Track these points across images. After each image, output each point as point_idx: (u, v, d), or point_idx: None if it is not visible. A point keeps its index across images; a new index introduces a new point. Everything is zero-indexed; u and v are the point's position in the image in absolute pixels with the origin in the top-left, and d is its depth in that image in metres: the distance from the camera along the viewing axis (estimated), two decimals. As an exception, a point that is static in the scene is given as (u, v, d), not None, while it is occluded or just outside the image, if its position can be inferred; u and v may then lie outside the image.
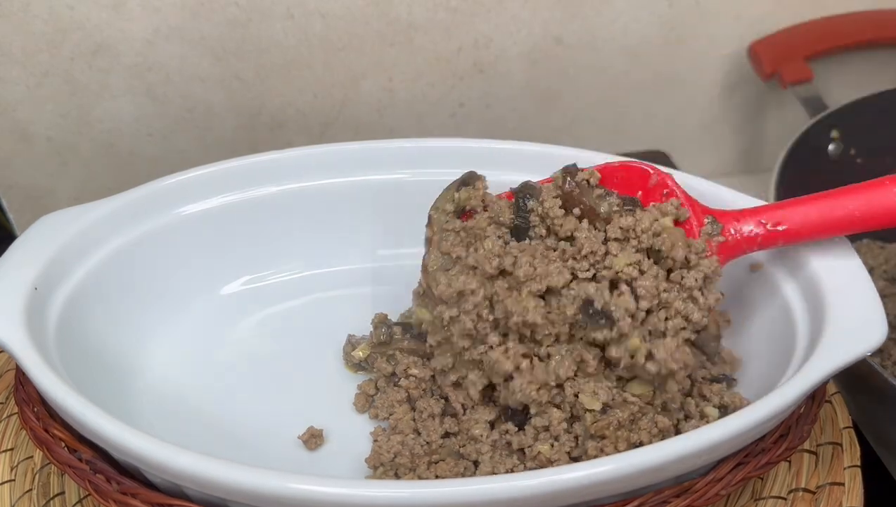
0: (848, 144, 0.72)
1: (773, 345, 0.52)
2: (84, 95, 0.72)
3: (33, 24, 0.69)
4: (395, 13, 0.72)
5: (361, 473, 0.50)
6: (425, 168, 0.61)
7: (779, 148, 0.67)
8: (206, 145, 0.75)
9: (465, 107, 0.79)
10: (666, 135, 0.84)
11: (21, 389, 0.48)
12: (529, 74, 0.78)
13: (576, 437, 0.47)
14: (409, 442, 0.48)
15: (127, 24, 0.70)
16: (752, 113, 0.85)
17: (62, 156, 0.75)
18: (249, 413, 0.54)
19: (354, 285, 0.61)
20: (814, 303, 0.49)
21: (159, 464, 0.41)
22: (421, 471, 0.48)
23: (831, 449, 0.50)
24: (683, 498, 0.42)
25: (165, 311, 0.58)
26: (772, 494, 0.48)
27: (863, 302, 0.48)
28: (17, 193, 0.75)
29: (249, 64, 0.73)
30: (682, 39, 0.79)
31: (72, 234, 0.53)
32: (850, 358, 0.45)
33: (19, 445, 0.52)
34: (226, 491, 0.40)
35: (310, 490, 0.39)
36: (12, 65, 0.70)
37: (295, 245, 0.61)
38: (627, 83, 0.81)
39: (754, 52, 0.78)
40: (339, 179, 0.61)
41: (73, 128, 0.74)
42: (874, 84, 0.74)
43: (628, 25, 0.77)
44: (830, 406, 0.52)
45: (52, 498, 0.49)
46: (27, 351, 0.46)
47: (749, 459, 0.44)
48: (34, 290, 0.49)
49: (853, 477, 0.49)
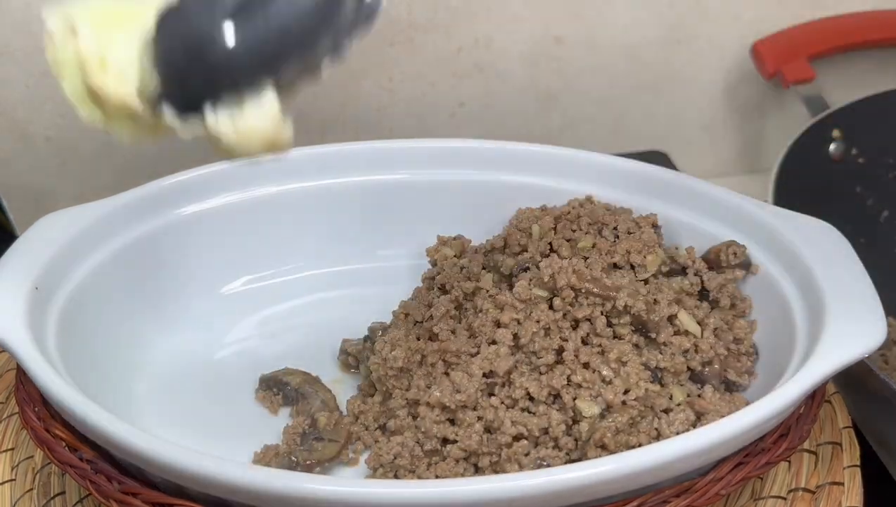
0: (849, 144, 0.72)
1: (772, 345, 0.52)
2: (84, 95, 0.72)
3: (33, 24, 0.69)
4: (396, 13, 0.72)
5: (361, 473, 0.50)
6: (425, 168, 0.61)
7: (779, 148, 0.67)
8: (207, 145, 0.75)
9: (465, 107, 0.78)
10: (666, 135, 0.84)
11: (22, 388, 0.48)
12: (529, 74, 0.78)
13: (575, 440, 0.47)
14: (409, 443, 0.48)
15: (127, 24, 0.70)
16: (753, 113, 0.85)
17: (62, 156, 0.75)
18: (249, 413, 0.54)
19: (354, 285, 0.61)
20: (814, 303, 0.49)
21: (160, 464, 0.41)
22: (421, 472, 0.48)
23: (831, 449, 0.50)
24: (683, 498, 0.42)
25: (165, 311, 0.58)
26: (771, 494, 0.48)
27: (863, 302, 0.48)
28: (17, 193, 0.75)
29: (250, 64, 0.73)
30: (683, 39, 0.79)
31: (72, 234, 0.53)
32: (849, 358, 0.45)
33: (20, 444, 0.52)
34: (226, 491, 0.40)
35: (310, 490, 0.39)
36: (12, 65, 0.70)
37: (295, 245, 0.61)
38: (627, 83, 0.81)
39: (757, 51, 0.78)
40: (339, 179, 0.61)
41: (73, 128, 0.73)
42: (876, 84, 0.74)
43: (628, 25, 0.77)
44: (830, 406, 0.52)
45: (52, 498, 0.49)
46: (28, 351, 0.46)
47: (749, 459, 0.44)
48: (35, 290, 0.49)
49: (853, 477, 0.49)
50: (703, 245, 0.55)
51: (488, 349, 0.49)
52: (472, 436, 0.47)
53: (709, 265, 0.54)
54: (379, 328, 0.56)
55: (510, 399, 0.48)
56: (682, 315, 0.51)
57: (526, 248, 0.55)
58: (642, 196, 0.58)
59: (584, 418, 0.47)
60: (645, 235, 0.55)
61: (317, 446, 0.50)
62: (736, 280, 0.54)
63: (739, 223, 0.55)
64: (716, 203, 0.56)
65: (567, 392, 0.47)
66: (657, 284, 0.53)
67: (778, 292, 0.52)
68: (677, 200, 0.57)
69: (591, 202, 0.58)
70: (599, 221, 0.56)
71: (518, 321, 0.49)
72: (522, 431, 0.46)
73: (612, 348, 0.49)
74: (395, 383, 0.50)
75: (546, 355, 0.48)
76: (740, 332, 0.52)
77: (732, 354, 0.52)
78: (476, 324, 0.50)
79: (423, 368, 0.50)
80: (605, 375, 0.48)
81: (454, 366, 0.49)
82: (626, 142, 0.83)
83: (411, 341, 0.52)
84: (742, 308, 0.54)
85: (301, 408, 0.53)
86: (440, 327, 0.52)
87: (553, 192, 0.59)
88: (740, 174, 0.87)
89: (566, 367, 0.48)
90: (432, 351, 0.50)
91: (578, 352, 0.48)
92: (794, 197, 0.62)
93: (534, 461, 0.46)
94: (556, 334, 0.49)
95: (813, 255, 0.51)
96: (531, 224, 0.57)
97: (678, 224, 0.57)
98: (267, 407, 0.54)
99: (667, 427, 0.47)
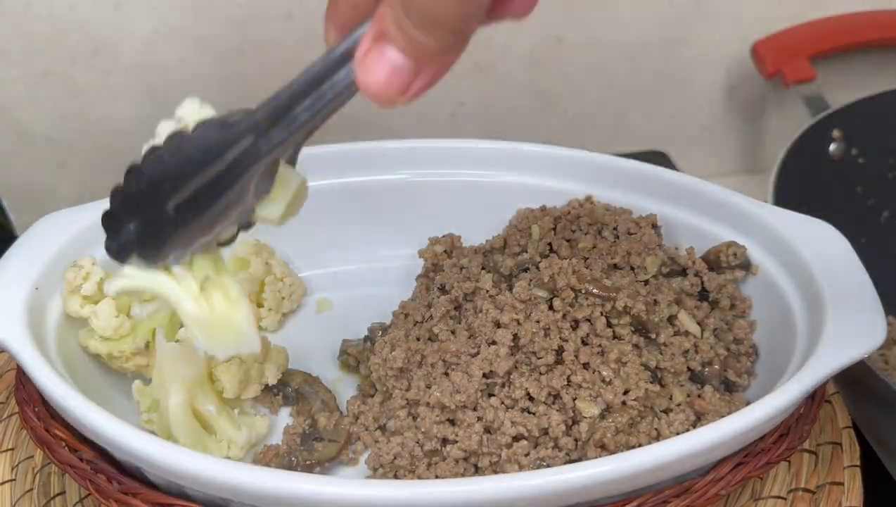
0: (849, 144, 0.72)
1: (772, 345, 0.52)
2: (84, 95, 0.72)
3: (33, 24, 0.69)
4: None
5: (361, 473, 0.50)
6: (425, 168, 0.61)
7: (779, 148, 0.67)
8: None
9: (465, 107, 0.79)
10: (666, 135, 0.84)
11: (22, 389, 0.48)
12: (529, 74, 0.78)
13: (575, 440, 0.47)
14: (409, 443, 0.48)
15: (127, 24, 0.70)
16: (753, 113, 0.85)
17: (62, 156, 0.75)
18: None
19: (354, 285, 0.61)
20: (813, 303, 0.49)
21: (161, 464, 0.41)
22: (420, 472, 0.48)
23: (831, 449, 0.50)
24: (683, 498, 0.42)
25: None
26: (771, 494, 0.48)
27: (863, 302, 0.48)
28: (17, 193, 0.75)
29: (249, 64, 0.73)
30: (683, 39, 0.79)
31: (72, 234, 0.53)
32: (849, 359, 0.45)
33: (20, 445, 0.52)
34: (226, 491, 0.40)
35: (310, 490, 0.39)
36: (12, 65, 0.70)
37: (295, 245, 0.61)
38: (627, 83, 0.81)
39: (758, 51, 0.78)
40: (339, 179, 0.61)
41: (73, 128, 0.74)
42: (877, 84, 0.74)
43: (628, 25, 0.77)
44: (830, 406, 0.52)
45: (52, 498, 0.49)
46: (28, 351, 0.46)
47: (749, 459, 0.44)
48: (35, 290, 0.49)
49: (853, 477, 0.49)
50: (703, 245, 0.55)
51: (488, 350, 0.49)
52: (471, 436, 0.47)
53: (709, 266, 0.54)
54: (379, 328, 0.56)
55: (510, 400, 0.48)
56: (682, 316, 0.51)
57: (525, 248, 0.55)
58: (642, 196, 0.58)
59: (584, 418, 0.47)
60: (645, 236, 0.55)
61: (317, 446, 0.50)
62: (736, 281, 0.54)
63: (739, 223, 0.55)
64: (716, 203, 0.56)
65: (567, 393, 0.47)
66: (657, 284, 0.53)
67: (778, 292, 0.52)
68: (677, 200, 0.57)
69: (590, 202, 0.58)
70: (599, 222, 0.56)
71: (518, 322, 0.49)
72: (522, 431, 0.46)
73: (612, 348, 0.49)
74: (395, 384, 0.50)
75: (546, 355, 0.48)
76: (740, 332, 0.52)
77: (732, 354, 0.52)
78: (476, 324, 0.50)
79: (423, 368, 0.50)
80: (604, 375, 0.48)
81: (454, 366, 0.49)
82: (626, 142, 0.83)
83: (411, 342, 0.52)
84: (742, 309, 0.54)
85: (301, 408, 0.53)
86: (440, 328, 0.52)
87: (553, 192, 0.59)
88: (740, 174, 0.87)
89: (566, 367, 0.48)
90: (432, 351, 0.50)
91: (578, 352, 0.48)
92: (794, 197, 0.62)
93: (534, 461, 0.46)
94: (555, 334, 0.49)
95: (813, 255, 0.51)
96: (531, 224, 0.57)
97: (678, 224, 0.57)
98: (267, 407, 0.54)
99: (667, 428, 0.47)
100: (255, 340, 0.43)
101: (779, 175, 0.65)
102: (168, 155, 0.39)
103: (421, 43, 0.31)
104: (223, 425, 0.49)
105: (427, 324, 0.53)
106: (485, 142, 0.62)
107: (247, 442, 0.50)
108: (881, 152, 0.73)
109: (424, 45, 0.32)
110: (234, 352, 0.44)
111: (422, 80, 0.33)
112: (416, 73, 0.32)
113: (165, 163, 0.39)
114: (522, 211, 0.58)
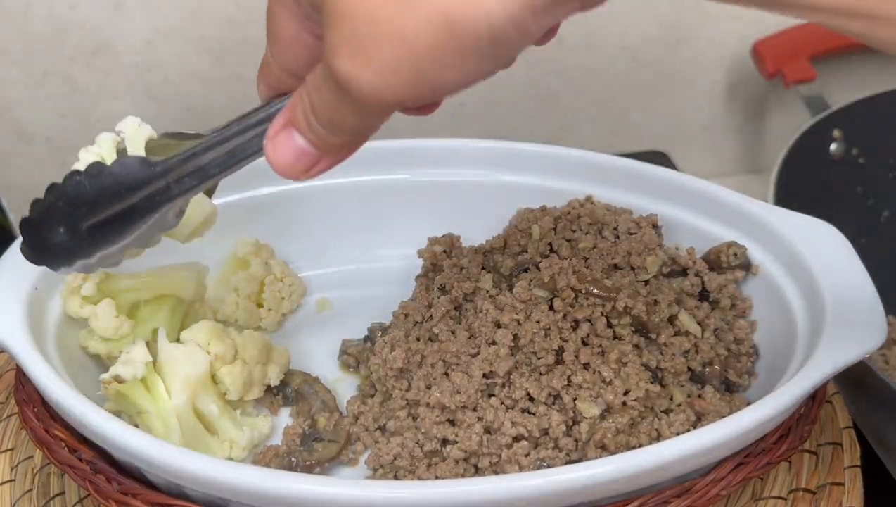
0: (850, 144, 0.72)
1: (773, 345, 0.52)
2: (84, 95, 0.72)
3: (33, 24, 0.69)
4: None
5: (361, 474, 0.50)
6: (425, 168, 0.61)
7: (779, 148, 0.67)
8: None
9: (465, 107, 0.78)
10: (666, 135, 0.84)
11: (21, 389, 0.48)
12: (529, 74, 0.78)
13: (575, 440, 0.47)
14: (409, 444, 0.48)
15: (127, 24, 0.70)
16: (753, 113, 0.85)
17: (62, 156, 0.75)
18: (249, 413, 0.54)
19: (354, 285, 0.61)
20: (814, 303, 0.49)
21: (160, 464, 0.41)
22: (420, 472, 0.48)
23: (831, 449, 0.50)
24: (684, 498, 0.42)
25: (165, 311, 0.58)
26: (772, 494, 0.48)
27: (863, 302, 0.48)
28: (17, 193, 0.75)
29: (249, 64, 0.72)
30: (683, 39, 0.79)
31: (72, 234, 0.53)
32: (850, 359, 0.44)
33: (19, 445, 0.51)
34: (226, 491, 0.40)
35: (310, 490, 0.39)
36: (12, 65, 0.70)
37: (294, 245, 0.61)
38: (627, 83, 0.81)
39: (758, 51, 0.78)
40: (339, 179, 0.60)
41: (73, 128, 0.73)
42: (876, 84, 0.74)
43: (628, 25, 0.77)
44: (830, 406, 0.52)
45: (52, 498, 0.49)
46: (27, 351, 0.46)
47: (749, 459, 0.44)
48: (34, 290, 0.50)
49: (853, 477, 0.49)
50: (703, 245, 0.55)
51: (488, 350, 0.49)
52: (471, 437, 0.47)
53: (709, 266, 0.54)
54: (379, 329, 0.56)
55: (510, 400, 0.48)
56: (682, 316, 0.51)
57: (526, 248, 0.55)
58: (642, 196, 0.58)
59: (585, 418, 0.46)
60: (645, 236, 0.55)
61: (317, 446, 0.50)
62: (736, 281, 0.54)
63: (739, 223, 0.55)
64: (716, 203, 0.56)
65: (567, 393, 0.47)
66: (657, 284, 0.53)
67: (778, 292, 0.52)
68: (677, 200, 0.57)
69: (591, 202, 0.58)
70: (599, 222, 0.56)
71: (518, 322, 0.49)
72: (522, 432, 0.46)
73: (613, 348, 0.49)
74: (395, 384, 0.50)
75: (546, 355, 0.48)
76: (740, 332, 0.52)
77: (733, 354, 0.51)
78: (476, 325, 0.50)
79: (423, 368, 0.50)
80: (605, 375, 0.47)
81: (454, 367, 0.49)
82: (626, 142, 0.83)
83: (411, 342, 0.51)
84: (742, 309, 0.54)
85: (301, 408, 0.53)
86: (440, 328, 0.52)
87: (553, 192, 0.59)
88: (740, 174, 0.87)
89: (566, 368, 0.48)
90: (432, 352, 0.50)
91: (578, 353, 0.48)
92: (794, 197, 0.62)
93: (534, 461, 0.46)
94: (556, 334, 0.49)
95: (813, 255, 0.51)
96: (531, 224, 0.57)
97: (678, 224, 0.57)
98: (267, 407, 0.54)
99: (667, 428, 0.47)
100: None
101: (779, 175, 0.65)
102: (88, 182, 0.43)
103: (324, 139, 0.35)
104: (225, 425, 0.49)
105: (427, 324, 0.53)
106: (485, 142, 0.62)
107: (249, 443, 0.50)
108: (881, 152, 0.73)
109: (327, 141, 0.36)
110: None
111: (323, 164, 0.37)
112: (318, 159, 0.37)
113: (84, 188, 0.43)
114: (522, 211, 0.58)
